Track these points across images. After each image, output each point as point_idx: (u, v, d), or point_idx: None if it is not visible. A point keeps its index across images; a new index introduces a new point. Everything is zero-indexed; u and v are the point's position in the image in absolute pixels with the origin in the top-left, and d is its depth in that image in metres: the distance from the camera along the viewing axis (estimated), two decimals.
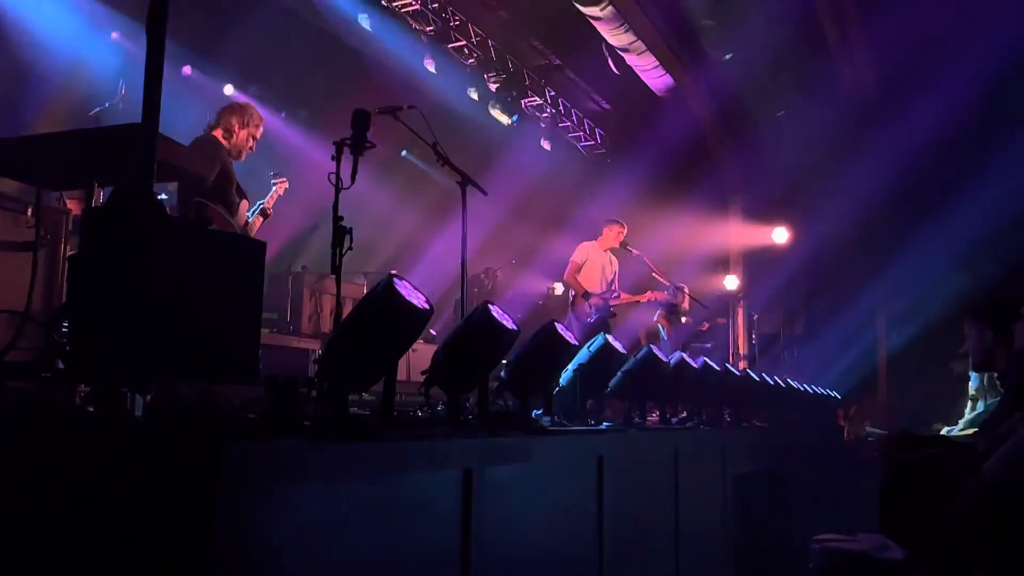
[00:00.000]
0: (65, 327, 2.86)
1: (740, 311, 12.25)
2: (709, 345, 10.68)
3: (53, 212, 4.36)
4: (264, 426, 2.52)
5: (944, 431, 6.44)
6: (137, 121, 2.64)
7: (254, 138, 5.45)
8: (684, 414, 5.63)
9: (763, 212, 14.04)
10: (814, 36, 11.19)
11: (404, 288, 2.70)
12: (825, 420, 10.38)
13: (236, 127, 5.34)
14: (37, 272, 3.58)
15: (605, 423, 4.49)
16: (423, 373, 3.23)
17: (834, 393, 11.02)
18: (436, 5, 10.45)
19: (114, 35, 9.13)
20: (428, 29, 10.56)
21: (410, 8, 10.25)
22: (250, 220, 5.70)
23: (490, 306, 3.26)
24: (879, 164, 12.00)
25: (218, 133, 5.35)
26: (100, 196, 3.56)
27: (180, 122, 5.25)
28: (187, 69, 9.30)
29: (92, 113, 6.27)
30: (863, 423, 13.44)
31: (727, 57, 10.95)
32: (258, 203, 5.77)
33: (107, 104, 6.27)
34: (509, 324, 3.29)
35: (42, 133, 3.27)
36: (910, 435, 4.74)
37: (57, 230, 4.23)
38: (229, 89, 10.80)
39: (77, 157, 3.26)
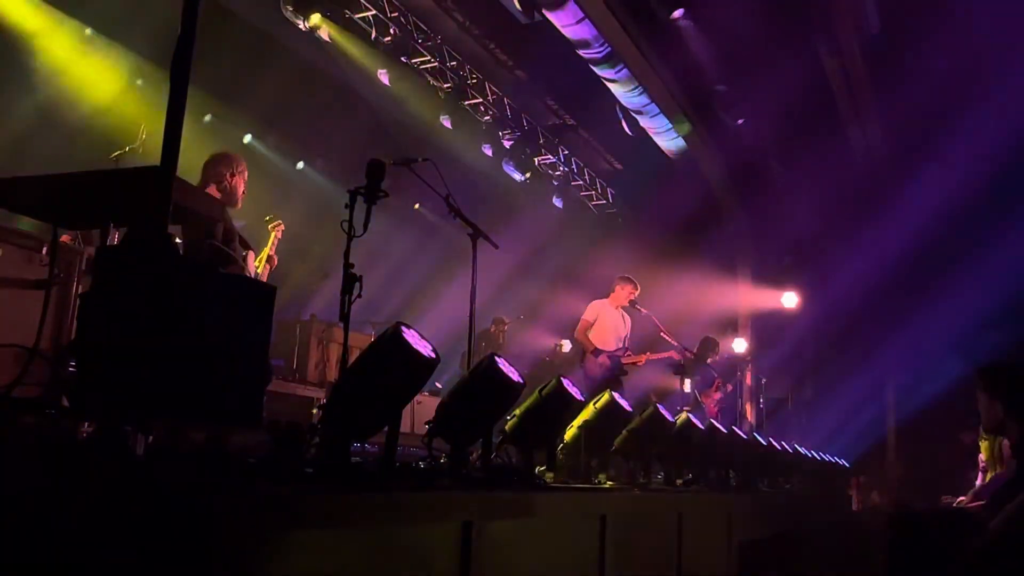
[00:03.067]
0: (73, 365, 2.86)
1: (748, 374, 12.16)
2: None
3: (67, 251, 4.41)
4: (265, 471, 2.50)
5: (955, 504, 6.34)
6: (156, 165, 2.68)
7: (244, 181, 5.30)
8: (689, 476, 5.56)
9: (772, 276, 14.04)
10: (826, 103, 11.33)
11: (411, 336, 2.71)
12: (833, 488, 10.24)
13: (227, 176, 5.16)
14: (48, 309, 3.60)
15: (608, 481, 4.44)
16: (427, 424, 3.21)
17: (842, 461, 10.88)
18: (454, 63, 10.66)
19: (139, 81, 9.33)
20: (446, 86, 10.75)
21: (429, 65, 10.46)
22: (258, 272, 5.68)
23: (496, 358, 3.26)
24: (890, 231, 12.04)
25: (211, 189, 5.14)
26: (115, 236, 3.61)
27: (198, 167, 5.31)
28: None
29: (112, 156, 6.35)
30: (872, 493, 13.26)
31: (739, 122, 11.08)
32: (263, 252, 5.73)
33: (128, 148, 6.36)
34: (515, 377, 3.29)
35: (60, 172, 3.31)
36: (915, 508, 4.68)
37: (71, 268, 4.27)
38: (248, 137, 10.99)
39: (94, 197, 3.30)
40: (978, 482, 6.57)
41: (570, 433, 4.27)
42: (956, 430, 10.74)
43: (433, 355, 2.77)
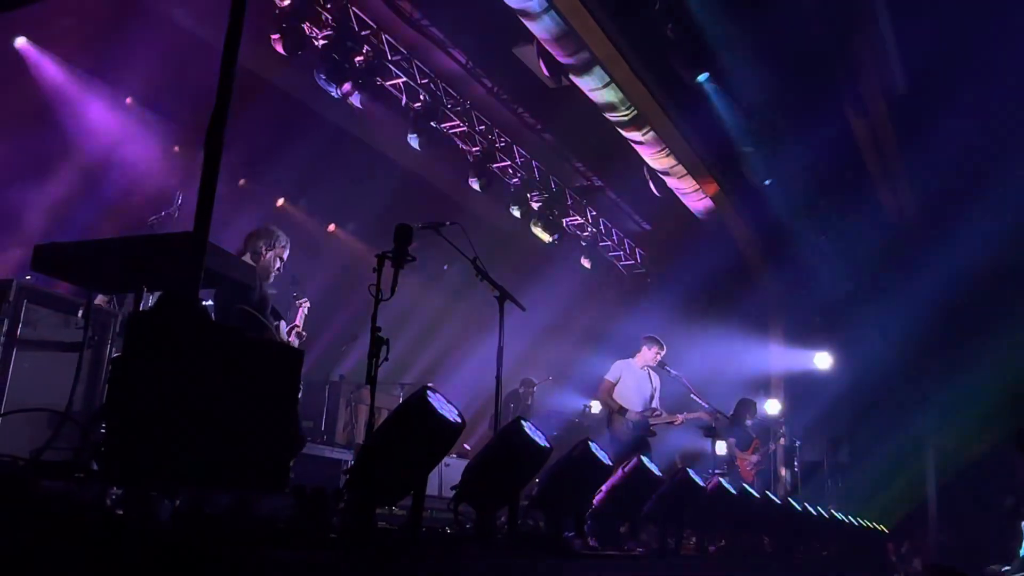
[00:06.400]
0: (103, 428, 2.89)
1: (782, 437, 11.93)
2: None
3: (102, 314, 4.49)
4: (290, 537, 2.48)
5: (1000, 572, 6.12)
6: (191, 230, 2.73)
7: (280, 259, 5.49)
8: (723, 542, 5.44)
9: (804, 336, 13.88)
10: (854, 163, 11.32)
11: (437, 401, 2.71)
12: (872, 555, 9.93)
13: (263, 250, 5.39)
14: (82, 372, 3.65)
15: (639, 548, 4.34)
16: (453, 488, 3.19)
17: (881, 526, 10.59)
18: (483, 127, 10.82)
19: (176, 148, 9.60)
20: (474, 150, 10.91)
21: (458, 129, 10.64)
22: (289, 340, 5.75)
23: (523, 422, 3.24)
24: (923, 291, 11.88)
25: (246, 258, 5.34)
26: (149, 300, 3.67)
27: (232, 230, 5.43)
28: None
29: (150, 220, 6.50)
30: (914, 560, 12.83)
31: (767, 182, 11.08)
32: (291, 327, 5.80)
33: (164, 212, 6.51)
34: (541, 441, 3.26)
35: (96, 239, 3.39)
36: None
37: (105, 331, 4.35)
38: (281, 201, 11.20)
39: (129, 262, 3.37)
40: (1021, 550, 6.35)
41: (599, 498, 4.20)
42: (1001, 493, 10.43)
43: (459, 420, 2.76)
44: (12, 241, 7.76)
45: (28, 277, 4.79)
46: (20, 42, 8.48)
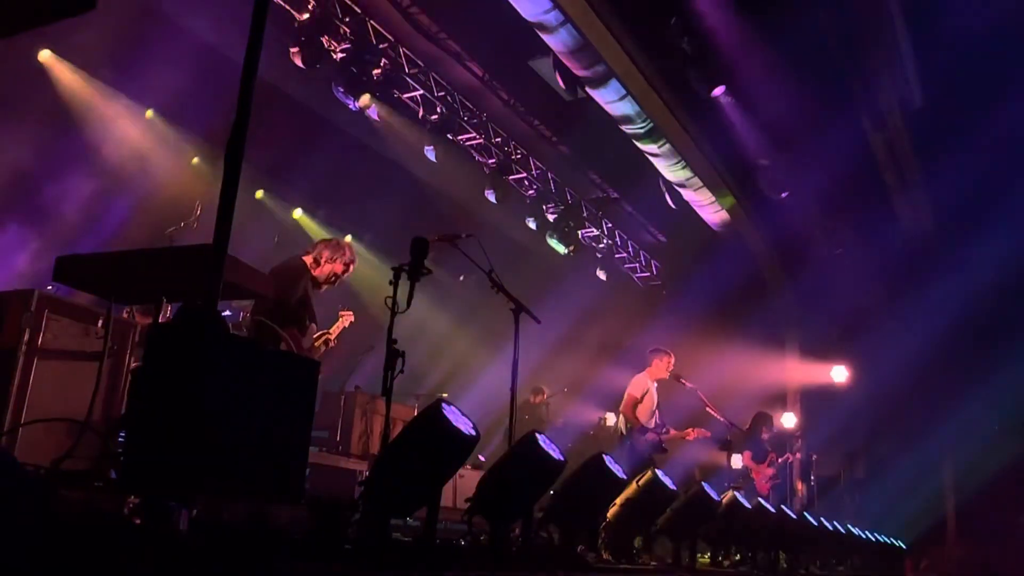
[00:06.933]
0: (122, 437, 2.92)
1: (798, 451, 11.85)
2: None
3: (122, 324, 4.53)
4: (305, 548, 2.50)
5: None
6: (209, 241, 2.76)
7: (336, 274, 5.68)
8: (737, 557, 5.41)
9: (821, 349, 13.79)
10: (871, 176, 11.28)
11: (451, 413, 2.72)
12: (890, 571, 9.85)
13: (325, 259, 5.61)
14: (101, 382, 3.69)
15: (653, 562, 4.33)
16: (467, 501, 3.19)
17: (899, 542, 10.49)
18: (499, 139, 10.87)
19: (195, 159, 9.69)
20: (491, 162, 10.96)
21: (475, 142, 10.69)
22: (315, 344, 5.83)
23: (537, 435, 3.25)
24: (941, 305, 11.80)
25: (308, 259, 5.66)
26: (168, 311, 3.71)
27: (250, 239, 5.49)
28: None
29: (168, 231, 6.56)
30: None
31: (783, 195, 11.06)
32: (321, 333, 5.91)
33: (182, 223, 6.57)
34: (555, 454, 3.26)
35: (117, 251, 3.44)
36: None
37: (124, 342, 4.38)
38: (298, 212, 11.28)
39: (149, 274, 3.41)
40: None
41: (613, 511, 4.20)
42: (1019, 509, 10.32)
43: (473, 432, 2.77)
44: (33, 251, 7.86)
45: (50, 287, 4.85)
46: (44, 54, 8.60)
